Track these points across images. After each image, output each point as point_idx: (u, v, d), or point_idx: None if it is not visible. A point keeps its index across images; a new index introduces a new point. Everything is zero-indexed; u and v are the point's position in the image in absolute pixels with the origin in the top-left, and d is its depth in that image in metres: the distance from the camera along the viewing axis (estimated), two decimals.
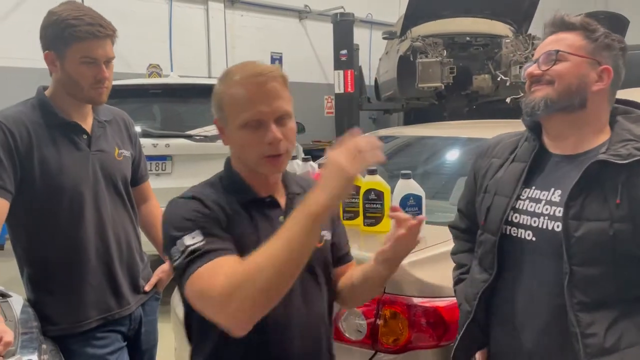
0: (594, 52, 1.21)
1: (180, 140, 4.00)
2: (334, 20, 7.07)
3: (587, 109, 1.20)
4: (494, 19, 6.32)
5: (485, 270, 1.30)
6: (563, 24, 1.24)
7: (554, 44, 1.22)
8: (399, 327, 1.56)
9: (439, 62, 5.78)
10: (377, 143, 0.98)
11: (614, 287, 1.13)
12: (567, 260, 1.14)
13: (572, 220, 1.14)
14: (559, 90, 1.19)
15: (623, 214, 1.11)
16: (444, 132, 2.98)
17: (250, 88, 1.09)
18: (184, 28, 7.59)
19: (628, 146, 1.14)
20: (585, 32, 1.22)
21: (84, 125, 1.54)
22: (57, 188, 1.48)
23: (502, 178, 1.30)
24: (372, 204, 1.90)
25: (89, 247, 1.53)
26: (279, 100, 1.10)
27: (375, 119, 9.68)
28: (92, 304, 1.54)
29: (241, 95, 1.09)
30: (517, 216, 1.24)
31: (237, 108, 1.09)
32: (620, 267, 1.13)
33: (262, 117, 1.08)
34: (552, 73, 1.20)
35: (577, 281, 1.14)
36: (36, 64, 6.83)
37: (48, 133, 1.48)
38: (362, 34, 9.06)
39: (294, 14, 8.87)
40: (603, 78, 1.20)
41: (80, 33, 1.42)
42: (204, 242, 1.02)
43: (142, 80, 4.66)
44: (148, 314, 1.72)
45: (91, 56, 1.45)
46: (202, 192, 1.12)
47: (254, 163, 1.12)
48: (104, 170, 1.56)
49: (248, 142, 1.09)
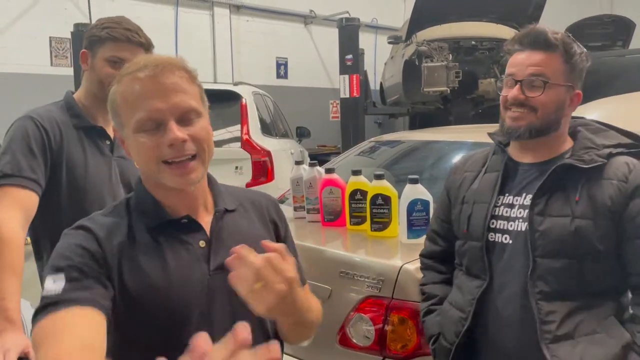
0: (571, 76, 1.27)
1: None
2: (340, 25, 7.07)
3: (559, 130, 1.30)
4: (499, 22, 6.31)
5: (476, 276, 1.34)
6: (546, 42, 1.24)
7: (537, 65, 1.24)
8: (407, 333, 1.55)
9: (444, 67, 5.77)
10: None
11: (575, 279, 1.22)
12: (531, 253, 1.24)
13: (536, 216, 1.25)
14: (541, 119, 1.25)
15: (583, 211, 1.21)
16: (450, 137, 2.97)
17: (144, 82, 0.89)
18: (190, 34, 7.63)
19: (590, 153, 1.26)
20: (565, 54, 1.25)
21: (108, 130, 1.58)
22: (80, 189, 1.51)
23: (478, 188, 1.37)
24: (380, 209, 1.89)
25: None
26: (180, 95, 0.90)
27: (381, 123, 9.67)
28: None
29: (133, 92, 0.90)
30: (493, 222, 1.32)
31: (130, 108, 0.90)
32: (581, 261, 1.21)
33: (159, 115, 0.89)
34: (536, 102, 1.24)
35: (539, 272, 1.23)
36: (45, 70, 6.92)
37: (76, 135, 1.53)
38: (368, 38, 9.07)
39: (300, 19, 8.89)
40: (574, 101, 1.29)
41: (115, 33, 1.50)
42: (61, 291, 0.83)
43: None
44: None
45: (119, 56, 1.50)
46: (96, 221, 0.93)
47: (155, 173, 0.92)
48: (123, 176, 1.60)
49: (145, 147, 0.90)
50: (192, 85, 0.95)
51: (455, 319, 1.34)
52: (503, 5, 6.19)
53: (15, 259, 1.32)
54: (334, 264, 1.74)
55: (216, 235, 0.98)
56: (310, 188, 2.16)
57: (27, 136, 1.45)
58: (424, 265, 1.53)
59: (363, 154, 3.03)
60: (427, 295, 1.47)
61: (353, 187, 1.99)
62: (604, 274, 1.23)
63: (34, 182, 1.42)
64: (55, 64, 6.57)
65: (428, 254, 1.53)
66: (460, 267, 1.40)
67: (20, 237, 1.35)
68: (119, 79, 0.94)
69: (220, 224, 0.99)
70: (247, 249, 0.80)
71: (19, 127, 1.47)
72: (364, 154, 3.04)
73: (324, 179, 2.10)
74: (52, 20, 6.46)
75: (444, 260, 1.48)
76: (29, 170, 1.42)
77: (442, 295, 1.44)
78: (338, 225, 2.07)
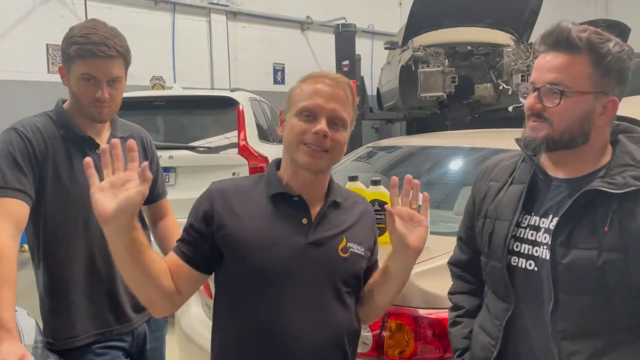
0: (602, 82, 1.08)
1: (183, 152, 4.01)
2: (336, 31, 7.11)
3: (589, 142, 1.11)
4: (495, 28, 6.35)
5: (502, 299, 1.22)
6: (568, 43, 1.07)
7: (556, 71, 1.08)
8: (405, 339, 1.54)
9: (440, 72, 5.80)
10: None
11: (603, 317, 1.07)
12: (553, 288, 1.09)
13: (559, 247, 1.09)
14: (560, 131, 1.09)
15: (612, 243, 1.04)
16: (446, 142, 2.97)
17: (321, 84, 1.21)
18: (187, 40, 7.65)
19: (625, 174, 1.07)
20: (593, 55, 1.06)
21: (98, 140, 1.56)
22: (65, 201, 1.49)
23: (501, 202, 1.23)
24: (377, 214, 1.89)
25: (92, 261, 1.53)
26: (340, 105, 1.20)
27: (378, 129, 9.70)
28: (89, 318, 1.53)
29: (309, 87, 1.20)
30: (517, 245, 1.18)
31: (301, 97, 1.19)
32: (610, 298, 1.06)
33: (317, 109, 1.17)
34: (553, 113, 1.09)
35: (563, 309, 1.09)
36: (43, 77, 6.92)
37: (63, 145, 1.50)
38: (364, 44, 9.11)
39: (296, 25, 8.92)
40: (608, 110, 1.09)
41: (81, 51, 1.45)
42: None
43: (145, 93, 4.68)
44: (154, 330, 1.70)
45: (90, 74, 1.47)
46: (236, 183, 1.26)
47: (294, 149, 1.18)
48: None
49: (296, 127, 1.18)
50: (351, 106, 1.22)
51: (484, 344, 1.25)
52: (498, 11, 6.23)
53: (6, 269, 1.32)
54: None
55: (320, 217, 1.21)
56: None
57: (11, 148, 1.44)
58: (453, 273, 1.44)
59: (360, 160, 3.03)
60: (454, 305, 1.40)
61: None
62: (637, 309, 1.07)
63: (22, 192, 1.41)
64: (52, 71, 6.58)
65: (456, 262, 1.43)
66: (488, 283, 1.31)
67: (10, 247, 1.34)
68: (305, 79, 1.22)
69: (326, 211, 1.22)
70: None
71: (3, 139, 1.46)
72: (361, 159, 3.03)
73: None
74: (49, 28, 6.47)
75: (471, 270, 1.38)
76: (16, 182, 1.41)
77: (468, 307, 1.36)
78: None
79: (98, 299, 1.54)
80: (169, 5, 7.51)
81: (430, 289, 1.56)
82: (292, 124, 1.17)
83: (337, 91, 1.18)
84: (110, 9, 6.87)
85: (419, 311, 1.54)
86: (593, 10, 11.89)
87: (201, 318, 2.35)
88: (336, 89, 1.18)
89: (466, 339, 1.34)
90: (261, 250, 1.14)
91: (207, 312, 2.33)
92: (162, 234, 1.79)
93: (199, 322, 2.32)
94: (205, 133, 4.18)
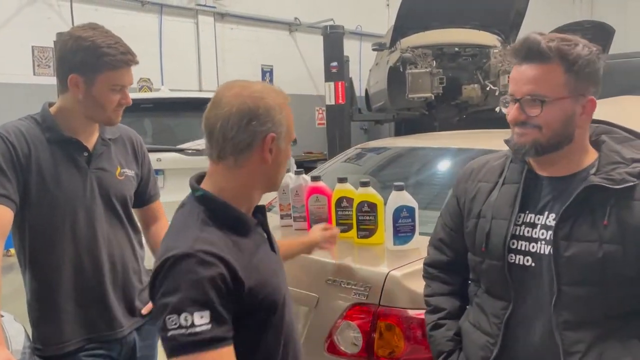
0: (577, 86, 1.13)
1: (171, 154, 3.99)
2: (324, 33, 7.11)
3: (574, 141, 1.18)
4: (481, 29, 6.39)
5: (499, 298, 1.25)
6: (540, 54, 1.13)
7: (532, 83, 1.13)
8: (395, 340, 1.55)
9: (428, 73, 5.83)
10: None
11: (602, 306, 1.14)
12: (556, 280, 1.15)
13: (562, 241, 1.15)
14: (547, 136, 1.15)
15: (611, 235, 1.11)
16: (435, 143, 2.98)
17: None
18: (174, 42, 7.60)
19: (619, 170, 1.14)
20: (565, 62, 1.12)
21: (87, 142, 1.55)
22: (51, 204, 1.47)
23: (496, 201, 1.26)
24: (366, 215, 1.90)
25: (79, 265, 1.51)
26: None
27: (367, 130, 9.71)
28: (78, 323, 1.51)
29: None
30: (514, 242, 1.22)
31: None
32: (609, 288, 1.13)
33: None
34: (539, 121, 1.14)
35: (565, 301, 1.14)
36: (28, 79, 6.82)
37: (48, 148, 1.49)
38: (352, 45, 9.12)
39: (284, 26, 8.91)
40: (587, 109, 1.16)
41: (115, 62, 1.46)
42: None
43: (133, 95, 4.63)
44: (144, 338, 1.67)
45: (122, 84, 1.49)
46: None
47: (280, 178, 1.21)
48: (101, 189, 1.55)
49: (287, 157, 1.18)
50: None
51: (482, 343, 1.26)
52: (485, 12, 6.27)
53: None
54: (321, 271, 1.74)
55: (267, 228, 1.24)
56: (297, 196, 2.16)
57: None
58: (429, 274, 1.45)
59: (349, 161, 3.03)
60: (434, 308, 1.40)
61: (339, 195, 2.00)
62: (630, 298, 1.14)
63: (5, 197, 1.39)
64: (38, 73, 6.51)
65: (433, 263, 1.45)
66: (477, 283, 1.33)
67: None
68: (282, 103, 1.13)
69: (265, 220, 1.23)
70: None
71: None
72: (350, 160, 3.04)
73: (310, 187, 2.10)
74: (34, 30, 6.40)
75: (451, 271, 1.41)
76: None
77: (450, 309, 1.37)
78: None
79: (87, 304, 1.53)
80: (155, 6, 7.45)
81: (419, 290, 1.57)
82: (286, 154, 1.15)
83: None
84: (96, 10, 6.81)
85: (408, 312, 1.55)
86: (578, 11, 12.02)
87: None
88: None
89: (451, 341, 1.35)
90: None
91: None
92: (155, 238, 1.78)
93: None
94: (193, 135, 4.17)
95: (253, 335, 1.10)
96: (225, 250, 1.03)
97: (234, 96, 1.09)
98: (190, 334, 0.97)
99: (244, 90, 1.10)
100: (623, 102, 2.88)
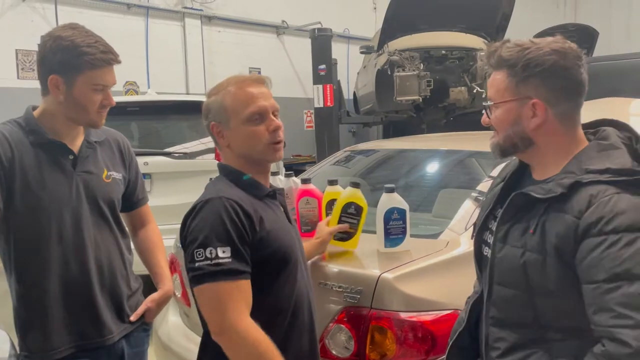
0: (518, 89, 1.16)
1: (158, 158, 3.95)
2: (312, 36, 7.11)
3: (536, 144, 1.19)
4: (468, 32, 6.43)
5: (479, 282, 1.35)
6: (496, 62, 1.21)
7: (489, 89, 1.24)
8: (387, 343, 1.54)
9: (416, 76, 5.85)
10: None
11: (529, 312, 1.16)
12: (489, 277, 1.23)
13: (498, 242, 1.22)
14: (501, 138, 1.22)
15: (534, 245, 1.13)
16: (423, 145, 3.00)
17: (252, 87, 1.38)
18: (161, 45, 7.54)
19: (563, 179, 1.12)
20: (507, 67, 1.17)
21: (72, 145, 1.52)
22: (36, 208, 1.44)
23: (487, 197, 1.36)
24: (350, 217, 1.86)
25: (66, 270, 1.48)
26: (271, 98, 1.40)
27: (355, 132, 9.72)
28: (66, 330, 1.48)
29: (244, 94, 1.35)
30: (487, 234, 1.30)
31: (241, 105, 1.34)
32: (532, 295, 1.15)
33: (263, 110, 1.37)
34: (493, 124, 1.24)
35: (494, 297, 1.22)
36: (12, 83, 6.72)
37: (32, 152, 1.45)
38: (340, 48, 9.12)
39: (272, 29, 8.89)
40: (537, 112, 1.15)
41: (95, 61, 1.43)
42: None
43: (119, 98, 4.58)
44: (133, 346, 1.64)
45: (103, 83, 1.46)
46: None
47: (261, 152, 1.37)
48: (88, 192, 1.52)
49: (256, 132, 1.36)
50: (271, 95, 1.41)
51: (460, 318, 1.38)
52: (471, 16, 6.32)
53: None
54: (312, 274, 1.72)
55: (284, 203, 1.47)
56: (287, 199, 2.13)
57: None
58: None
59: (338, 164, 3.03)
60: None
61: (329, 197, 1.98)
62: (562, 313, 1.13)
63: None
64: (22, 77, 6.42)
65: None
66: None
67: None
68: (221, 89, 1.38)
69: (282, 199, 1.47)
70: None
71: None
72: (339, 163, 3.03)
73: (300, 190, 2.08)
74: (18, 33, 6.31)
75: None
76: None
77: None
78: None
79: (75, 310, 1.49)
80: (142, 9, 7.39)
81: (410, 292, 1.57)
82: (246, 132, 1.33)
83: (265, 88, 1.38)
84: (81, 13, 6.73)
85: (401, 314, 1.54)
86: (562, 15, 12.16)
87: (179, 326, 2.31)
88: (263, 88, 1.38)
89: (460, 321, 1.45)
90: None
91: (185, 320, 2.29)
92: (143, 243, 1.75)
93: (176, 331, 2.28)
94: (180, 138, 4.13)
95: (267, 283, 1.30)
96: (244, 201, 1.27)
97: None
98: (215, 264, 1.19)
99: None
100: (607, 104, 2.91)
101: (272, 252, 1.30)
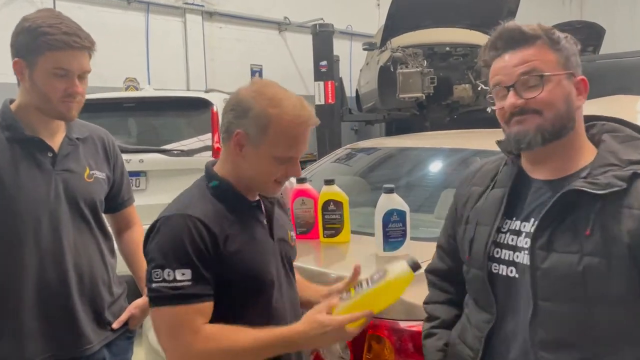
0: (567, 63, 1.07)
1: (154, 155, 3.88)
2: (314, 32, 7.05)
3: (574, 130, 1.09)
4: (472, 29, 6.36)
5: (484, 309, 1.17)
6: (524, 36, 1.07)
7: (525, 63, 1.06)
8: (385, 353, 1.47)
9: (419, 73, 5.79)
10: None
11: (584, 327, 1.02)
12: (532, 294, 1.05)
13: (539, 251, 1.05)
14: (550, 119, 1.05)
15: (594, 247, 1.00)
16: (426, 143, 2.92)
17: (303, 128, 1.26)
18: (162, 41, 7.49)
19: (609, 173, 1.03)
20: (550, 41, 1.07)
21: (51, 142, 1.43)
22: (11, 209, 1.37)
23: (482, 207, 1.18)
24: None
25: (43, 276, 1.40)
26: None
27: (357, 130, 9.65)
28: (43, 340, 1.40)
29: (295, 131, 1.23)
30: (498, 251, 1.14)
31: (286, 141, 1.22)
32: (591, 306, 1.01)
33: (294, 155, 1.28)
34: (539, 102, 1.05)
35: (541, 317, 1.05)
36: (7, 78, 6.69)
37: (8, 149, 1.37)
38: (342, 45, 9.05)
39: (274, 25, 8.83)
40: (581, 90, 1.09)
41: (54, 42, 1.33)
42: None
43: (114, 94, 4.52)
44: (116, 354, 1.56)
45: (64, 67, 1.35)
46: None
47: (262, 184, 1.26)
48: (68, 191, 1.44)
49: (273, 170, 1.24)
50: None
51: (463, 357, 1.20)
52: (476, 12, 6.25)
53: None
54: (308, 280, 1.64)
55: (271, 216, 1.33)
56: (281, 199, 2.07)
57: None
58: (429, 281, 1.39)
59: (339, 161, 2.98)
60: (429, 316, 1.35)
61: (326, 198, 1.92)
62: (622, 320, 1.02)
63: None
64: None
65: (433, 270, 1.38)
66: (470, 294, 1.26)
67: None
68: (277, 103, 1.22)
69: (272, 209, 1.33)
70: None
71: None
72: (340, 161, 2.98)
73: (296, 190, 2.01)
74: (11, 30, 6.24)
75: (449, 279, 1.34)
76: None
77: (444, 317, 1.31)
78: (311, 237, 1.98)
79: (52, 318, 1.41)
80: (142, 5, 7.33)
81: (410, 299, 1.48)
82: (268, 164, 1.21)
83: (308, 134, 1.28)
84: (80, 8, 6.65)
85: (400, 323, 1.46)
86: (568, 12, 12.05)
87: None
88: (308, 131, 1.27)
89: (440, 351, 1.28)
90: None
91: None
92: (128, 245, 1.67)
93: None
94: (177, 135, 4.06)
95: (237, 308, 1.19)
96: (210, 218, 1.16)
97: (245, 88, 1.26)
98: (173, 287, 1.11)
99: (253, 86, 1.28)
100: (614, 102, 2.84)
101: (240, 274, 1.18)
